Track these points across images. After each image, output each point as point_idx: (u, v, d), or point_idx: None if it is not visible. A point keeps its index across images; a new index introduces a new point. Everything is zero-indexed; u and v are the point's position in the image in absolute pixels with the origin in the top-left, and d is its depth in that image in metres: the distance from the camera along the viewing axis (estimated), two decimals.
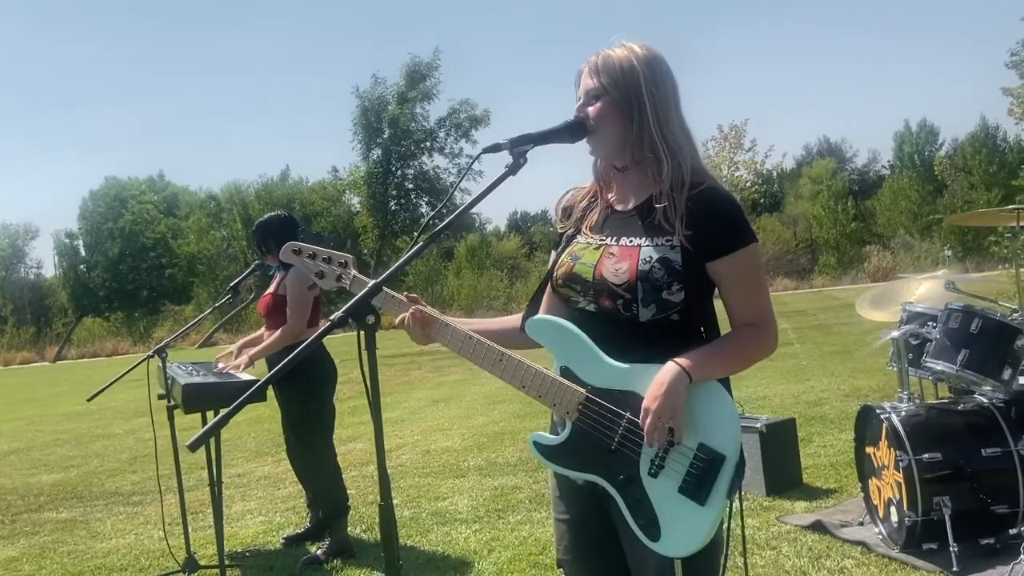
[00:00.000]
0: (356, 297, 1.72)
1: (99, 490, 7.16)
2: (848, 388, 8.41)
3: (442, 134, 35.39)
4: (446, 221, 1.85)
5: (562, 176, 2.23)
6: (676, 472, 1.79)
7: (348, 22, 79.80)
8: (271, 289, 4.72)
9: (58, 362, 40.12)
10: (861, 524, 4.26)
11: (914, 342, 4.16)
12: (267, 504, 6.06)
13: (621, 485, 1.84)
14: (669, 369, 1.79)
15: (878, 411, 3.99)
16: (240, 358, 4.66)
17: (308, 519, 5.06)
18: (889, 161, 52.25)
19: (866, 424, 4.22)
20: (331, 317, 1.71)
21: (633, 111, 1.90)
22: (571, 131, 1.94)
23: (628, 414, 1.82)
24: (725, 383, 1.88)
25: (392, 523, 1.77)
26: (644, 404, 1.79)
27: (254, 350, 4.64)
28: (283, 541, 4.99)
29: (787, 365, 10.64)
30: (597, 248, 1.95)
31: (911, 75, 77.96)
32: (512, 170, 1.90)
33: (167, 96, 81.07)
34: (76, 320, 50.30)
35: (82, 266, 51.43)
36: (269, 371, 4.70)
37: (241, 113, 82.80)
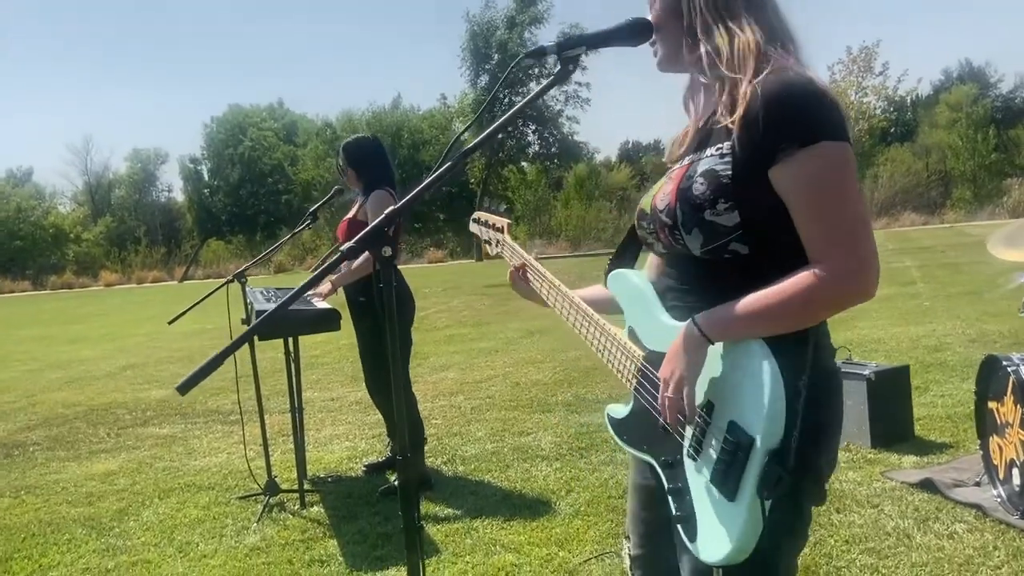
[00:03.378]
0: (371, 226, 1.50)
1: (202, 407, 7.40)
2: (975, 333, 7.74)
3: (551, 60, 34.56)
4: (479, 139, 1.60)
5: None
6: (710, 457, 1.45)
7: None
8: (350, 214, 4.59)
9: (184, 282, 42.36)
10: (977, 485, 3.85)
11: None
12: (354, 429, 6.10)
13: (665, 468, 1.57)
14: (684, 328, 1.48)
15: (1004, 362, 3.54)
16: (323, 285, 4.59)
17: (389, 448, 5.02)
18: None
19: (990, 376, 3.77)
20: (341, 247, 1.50)
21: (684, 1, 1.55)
22: (631, 31, 1.62)
23: None
24: (784, 343, 1.40)
25: (413, 478, 1.58)
26: (660, 371, 1.51)
27: (338, 275, 4.56)
28: (364, 469, 4.98)
29: (907, 306, 9.94)
30: (665, 175, 1.64)
31: None
32: (559, 78, 1.63)
33: (288, 24, 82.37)
34: (201, 242, 52.82)
35: (205, 190, 53.73)
36: (348, 299, 4.65)
37: (357, 41, 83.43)
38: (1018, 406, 3.46)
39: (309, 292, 4.61)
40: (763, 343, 1.41)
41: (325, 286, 4.58)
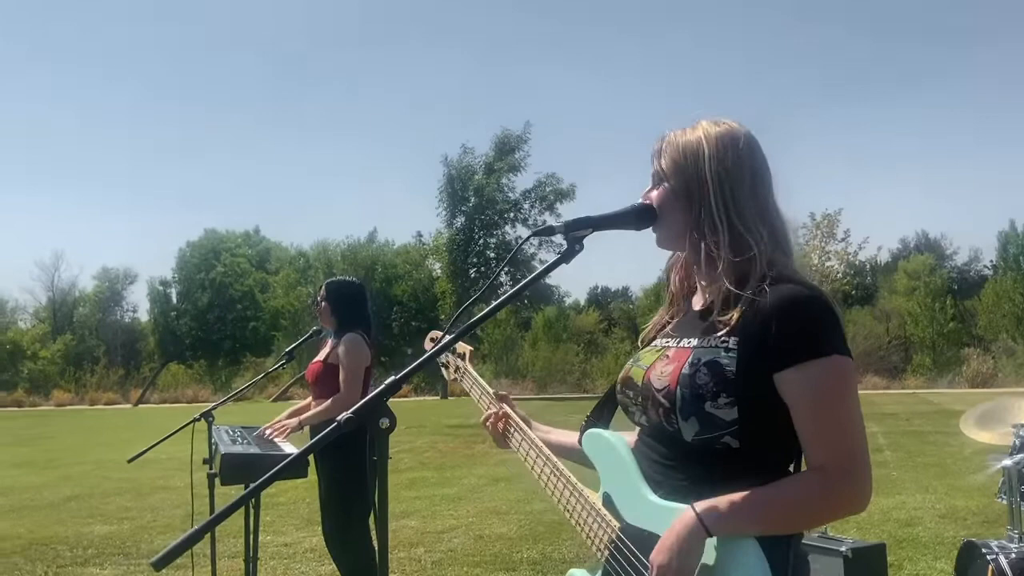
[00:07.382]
0: (370, 395, 1.47)
1: (147, 548, 7.01)
2: (944, 508, 7.68)
3: (526, 206, 35.87)
4: (488, 310, 1.59)
5: (650, 253, 1.94)
6: None
7: (440, 91, 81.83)
8: (321, 356, 4.53)
9: (139, 406, 41.24)
10: None
11: None
12: None
13: None
14: (683, 516, 1.43)
15: (984, 550, 3.48)
16: (290, 420, 4.47)
17: None
18: (992, 261, 50.01)
19: (968, 563, 3.70)
20: (339, 418, 1.45)
21: (694, 193, 1.58)
22: (637, 217, 1.66)
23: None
24: (775, 545, 1.42)
25: None
26: (651, 556, 1.44)
27: (305, 415, 4.46)
28: None
29: (877, 475, 9.61)
30: (659, 350, 1.65)
31: (1018, 172, 74.82)
32: (565, 257, 1.63)
33: (268, 153, 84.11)
34: (161, 365, 51.83)
35: (172, 313, 53.24)
36: (312, 439, 4.50)
37: (337, 174, 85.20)
38: None
39: (273, 431, 4.48)
40: (762, 543, 1.41)
41: (292, 421, 4.46)
